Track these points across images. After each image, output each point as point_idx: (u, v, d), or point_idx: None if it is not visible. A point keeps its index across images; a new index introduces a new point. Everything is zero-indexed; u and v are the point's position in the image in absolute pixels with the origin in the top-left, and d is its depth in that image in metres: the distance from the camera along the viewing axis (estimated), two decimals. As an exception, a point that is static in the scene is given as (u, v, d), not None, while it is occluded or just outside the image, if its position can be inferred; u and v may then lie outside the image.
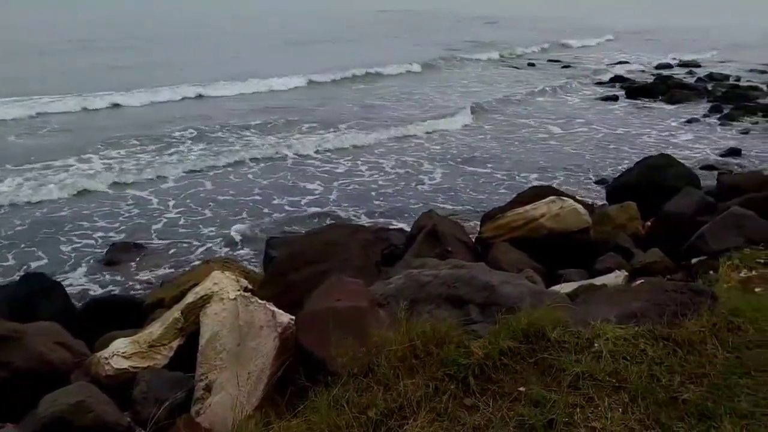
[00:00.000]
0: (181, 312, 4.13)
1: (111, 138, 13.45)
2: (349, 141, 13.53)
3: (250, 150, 12.67)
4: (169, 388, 3.74)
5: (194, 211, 9.37)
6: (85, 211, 9.24)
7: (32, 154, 12.21)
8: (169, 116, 15.66)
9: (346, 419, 2.48)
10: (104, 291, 6.77)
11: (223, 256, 7.02)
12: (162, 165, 11.63)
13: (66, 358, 4.01)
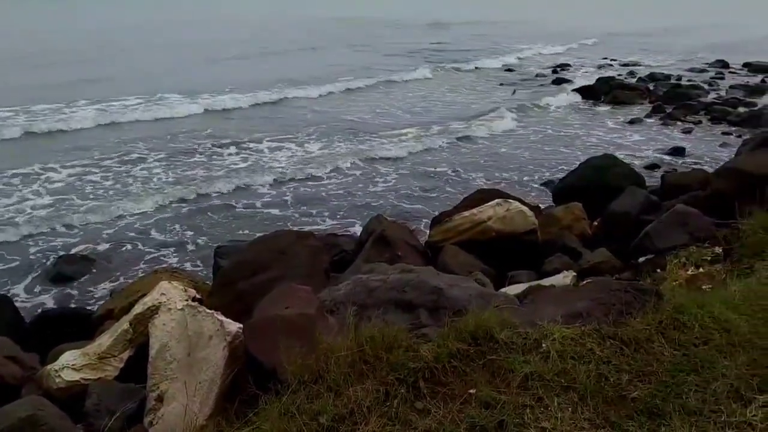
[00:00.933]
0: (129, 323, 4.06)
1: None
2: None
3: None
4: (121, 399, 3.68)
5: (145, 219, 9.22)
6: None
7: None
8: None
9: (297, 426, 2.49)
10: (54, 304, 6.59)
11: (172, 265, 6.91)
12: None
13: (16, 372, 3.90)
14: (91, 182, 11.02)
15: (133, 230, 8.82)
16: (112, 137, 14.38)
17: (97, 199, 10.09)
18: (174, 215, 9.39)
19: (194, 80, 21.21)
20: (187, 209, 9.69)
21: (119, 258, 7.81)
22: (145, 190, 10.49)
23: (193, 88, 19.58)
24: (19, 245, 8.29)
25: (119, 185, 10.83)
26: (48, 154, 12.58)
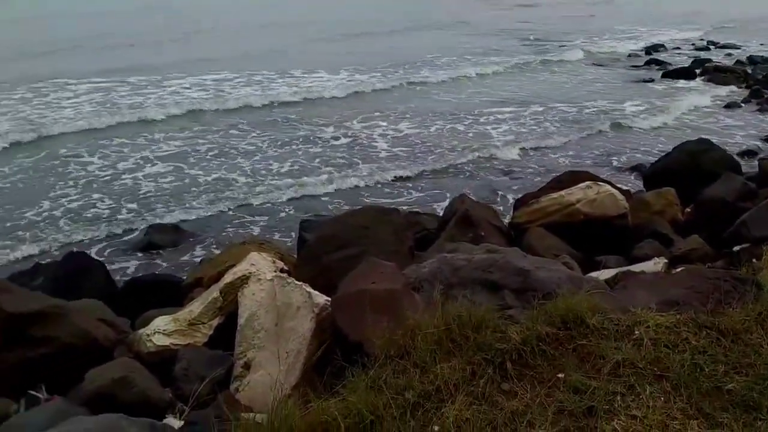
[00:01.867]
0: (219, 292, 4.21)
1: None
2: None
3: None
4: (209, 365, 3.82)
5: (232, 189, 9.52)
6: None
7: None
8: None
9: (383, 400, 2.50)
10: (144, 271, 6.93)
11: (259, 236, 7.10)
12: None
13: (109, 334, 4.12)
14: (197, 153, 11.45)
15: (227, 202, 9.08)
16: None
17: (204, 171, 10.46)
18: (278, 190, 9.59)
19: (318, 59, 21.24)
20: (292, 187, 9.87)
21: (208, 229, 8.11)
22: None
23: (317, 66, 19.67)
24: (116, 212, 8.73)
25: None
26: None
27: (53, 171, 10.56)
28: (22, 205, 8.99)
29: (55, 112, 14.63)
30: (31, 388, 3.84)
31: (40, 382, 3.88)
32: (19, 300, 3.88)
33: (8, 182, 10.06)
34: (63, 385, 3.90)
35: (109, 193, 9.51)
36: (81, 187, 9.74)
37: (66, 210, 8.83)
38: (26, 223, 8.42)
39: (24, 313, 3.80)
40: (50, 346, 3.85)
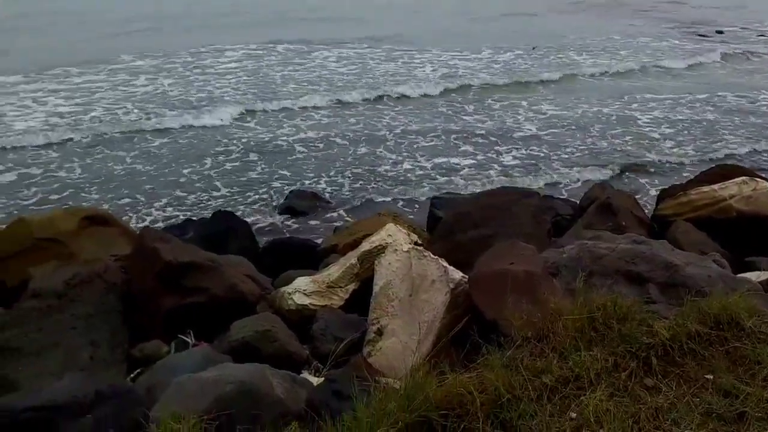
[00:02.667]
0: (357, 259, 4.35)
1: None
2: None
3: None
4: (344, 327, 3.99)
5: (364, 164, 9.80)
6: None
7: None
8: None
9: (520, 381, 2.49)
10: (284, 233, 7.32)
11: (392, 209, 7.25)
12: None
13: (254, 290, 4.40)
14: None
15: (364, 173, 9.36)
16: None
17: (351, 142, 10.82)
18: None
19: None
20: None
21: (343, 198, 8.42)
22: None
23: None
24: (266, 176, 9.27)
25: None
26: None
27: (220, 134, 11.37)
28: (186, 163, 9.78)
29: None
30: (181, 333, 4.21)
31: (188, 328, 4.24)
32: (177, 251, 4.25)
33: (179, 143, 10.94)
34: (209, 333, 4.23)
35: (264, 157, 10.07)
36: (242, 149, 10.44)
37: (223, 171, 9.50)
38: (185, 180, 9.15)
39: (180, 263, 4.15)
40: (201, 295, 4.18)
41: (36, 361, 3.42)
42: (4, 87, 14.68)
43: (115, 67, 16.58)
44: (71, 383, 2.93)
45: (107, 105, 13.17)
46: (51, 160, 10.06)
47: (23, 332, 3.49)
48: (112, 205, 8.24)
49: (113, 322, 3.98)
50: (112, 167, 9.73)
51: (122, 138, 11.06)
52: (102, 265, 4.25)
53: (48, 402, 2.75)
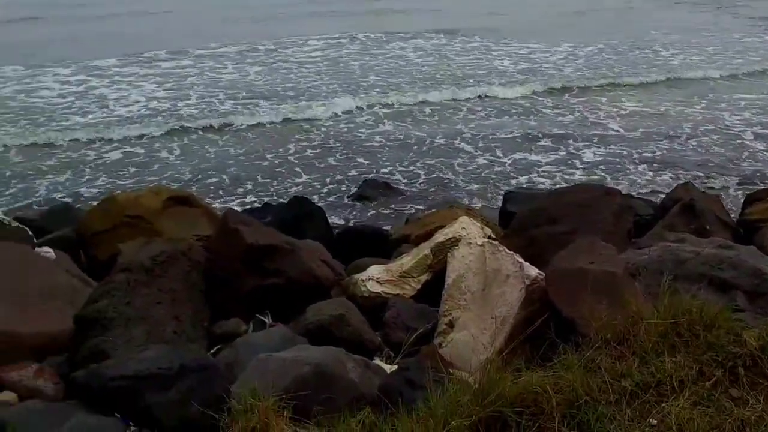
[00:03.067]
0: (430, 250, 4.37)
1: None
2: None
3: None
4: (415, 317, 4.02)
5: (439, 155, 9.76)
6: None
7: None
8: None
9: (598, 383, 2.45)
10: (356, 221, 7.44)
11: (465, 203, 7.23)
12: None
13: (329, 275, 4.49)
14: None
15: (439, 167, 9.33)
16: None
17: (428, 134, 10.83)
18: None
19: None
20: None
21: (416, 188, 8.44)
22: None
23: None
24: (342, 166, 9.44)
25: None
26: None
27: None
28: (273, 149, 10.14)
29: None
30: (259, 312, 4.35)
31: (266, 309, 4.38)
32: (258, 233, 4.37)
33: (266, 129, 11.33)
34: (285, 314, 4.35)
35: (342, 146, 10.28)
36: (323, 137, 10.72)
37: (304, 158, 9.79)
38: (267, 165, 9.48)
39: (261, 246, 4.27)
40: (279, 278, 4.29)
41: (124, 332, 3.61)
42: (102, 70, 15.53)
43: (200, 53, 17.23)
44: (157, 355, 3.08)
45: (200, 92, 13.74)
46: (152, 142, 10.69)
47: (113, 304, 3.69)
48: (202, 185, 8.68)
49: (196, 299, 4.15)
50: (205, 151, 10.24)
51: (217, 124, 11.54)
52: (186, 243, 4.43)
53: (135, 372, 2.91)
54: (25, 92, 13.70)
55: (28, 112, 12.36)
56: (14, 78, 14.81)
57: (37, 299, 3.93)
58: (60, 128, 11.34)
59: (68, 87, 14.10)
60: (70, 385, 3.14)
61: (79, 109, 12.58)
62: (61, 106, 12.74)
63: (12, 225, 4.88)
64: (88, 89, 14.00)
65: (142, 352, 3.28)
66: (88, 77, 14.88)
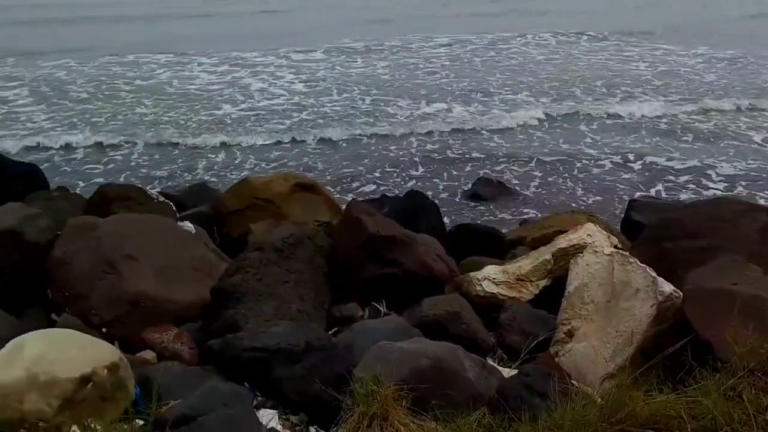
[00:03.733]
0: (552, 255, 4.28)
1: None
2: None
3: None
4: (531, 322, 3.96)
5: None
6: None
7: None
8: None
9: (740, 414, 2.31)
10: (469, 219, 7.40)
11: (584, 209, 6.99)
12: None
13: (443, 270, 4.51)
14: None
15: (558, 169, 9.12)
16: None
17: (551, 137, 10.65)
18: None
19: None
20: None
21: (529, 189, 8.27)
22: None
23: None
24: (459, 162, 9.44)
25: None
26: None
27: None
28: (394, 142, 10.39)
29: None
30: (374, 300, 4.46)
31: (381, 297, 4.48)
32: (380, 224, 4.47)
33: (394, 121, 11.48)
34: (398, 304, 4.43)
35: (461, 143, 10.31)
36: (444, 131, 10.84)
37: (424, 151, 9.96)
38: (393, 156, 9.73)
39: (381, 236, 4.37)
40: (396, 268, 4.37)
41: (254, 306, 3.83)
42: (246, 60, 16.52)
43: (329, 46, 17.86)
44: (286, 331, 3.25)
45: (336, 85, 14.30)
46: (292, 127, 11.30)
47: (246, 279, 3.92)
48: (335, 173, 9.12)
49: (319, 282, 4.32)
50: (340, 140, 10.70)
51: (361, 116, 11.97)
52: (313, 229, 4.62)
53: (266, 345, 3.08)
54: (179, 79, 14.83)
55: (186, 98, 13.35)
56: (167, 65, 16.09)
57: (183, 270, 4.26)
58: (214, 115, 12.15)
59: (215, 76, 15.13)
60: (205, 351, 3.37)
61: (229, 97, 13.46)
62: (212, 93, 13.71)
63: (159, 200, 5.29)
64: (235, 79, 14.97)
65: (271, 327, 3.47)
66: (232, 67, 15.93)
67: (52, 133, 10.99)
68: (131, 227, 4.42)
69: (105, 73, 15.35)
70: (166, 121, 11.67)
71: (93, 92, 13.63)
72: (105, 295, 4.03)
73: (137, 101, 12.88)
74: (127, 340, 3.93)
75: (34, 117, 11.95)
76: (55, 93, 13.48)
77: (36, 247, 4.09)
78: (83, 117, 11.89)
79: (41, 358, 2.90)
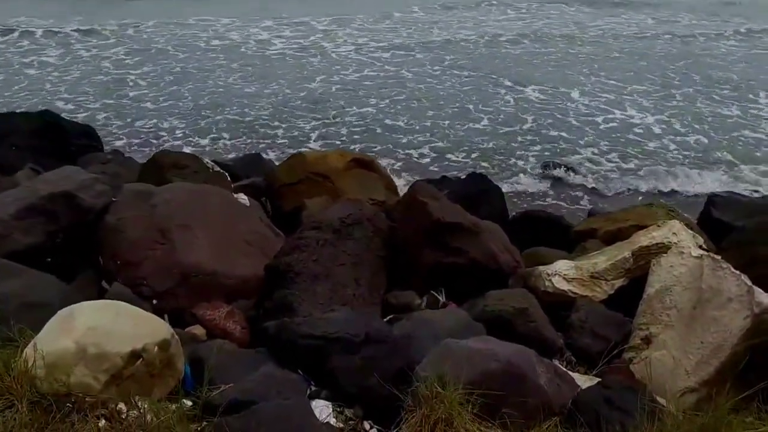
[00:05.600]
0: (631, 253, 3.95)
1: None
2: None
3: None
4: (605, 324, 3.67)
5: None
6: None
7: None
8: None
9: None
10: (530, 203, 7.04)
11: (663, 202, 6.54)
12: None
13: (510, 262, 4.24)
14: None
15: (632, 153, 8.61)
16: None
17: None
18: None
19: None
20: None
21: (599, 176, 7.81)
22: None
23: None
24: (527, 143, 9.02)
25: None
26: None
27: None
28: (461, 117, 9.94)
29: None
30: (433, 288, 4.23)
31: (441, 286, 4.24)
32: (444, 209, 4.22)
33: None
34: (458, 295, 4.19)
35: (537, 120, 9.83)
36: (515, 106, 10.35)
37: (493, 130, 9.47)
38: (463, 135, 9.31)
39: (447, 223, 4.13)
40: (460, 257, 4.13)
41: (309, 287, 3.65)
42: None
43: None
44: (344, 318, 3.05)
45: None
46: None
47: (302, 259, 3.74)
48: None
49: (375, 265, 4.11)
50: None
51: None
52: (372, 209, 4.41)
53: (325, 333, 2.89)
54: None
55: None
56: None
57: (238, 244, 4.12)
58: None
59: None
60: (259, 332, 3.21)
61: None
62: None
63: (214, 170, 5.16)
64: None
65: (327, 312, 3.29)
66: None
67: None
68: (187, 197, 4.29)
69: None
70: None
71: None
72: (157, 266, 3.92)
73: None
74: (177, 313, 3.82)
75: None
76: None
77: (90, 211, 3.99)
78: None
79: (91, 330, 2.78)
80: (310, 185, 5.90)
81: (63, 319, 2.86)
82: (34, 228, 3.81)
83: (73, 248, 4.07)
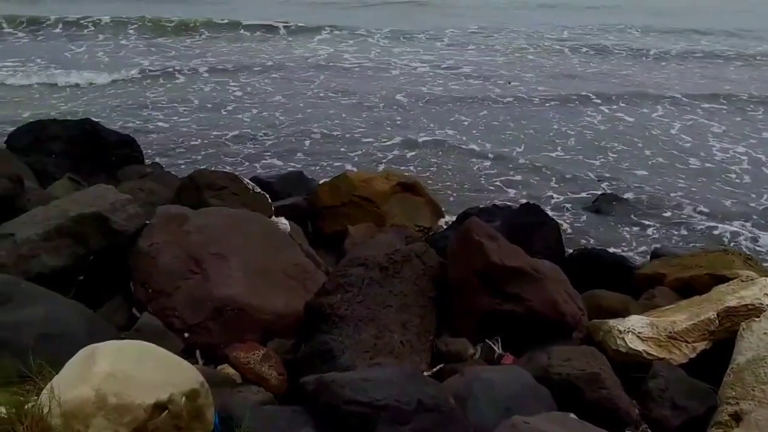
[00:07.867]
0: (717, 314, 3.49)
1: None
2: None
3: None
4: (688, 395, 3.22)
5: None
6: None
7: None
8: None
9: None
10: (580, 240, 6.53)
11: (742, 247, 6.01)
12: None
13: (574, 312, 3.83)
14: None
15: (700, 187, 7.96)
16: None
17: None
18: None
19: None
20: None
21: (656, 211, 7.23)
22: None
23: None
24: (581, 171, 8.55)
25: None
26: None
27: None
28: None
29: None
30: (488, 337, 3.84)
31: (496, 335, 3.85)
32: (504, 252, 3.84)
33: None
34: (516, 346, 3.79)
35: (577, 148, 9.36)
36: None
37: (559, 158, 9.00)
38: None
39: (506, 267, 3.75)
40: (519, 305, 3.75)
41: (352, 333, 3.31)
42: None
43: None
44: (396, 381, 2.68)
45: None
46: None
47: (346, 300, 3.40)
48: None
49: (424, 307, 3.75)
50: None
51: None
52: (422, 245, 4.04)
53: (372, 400, 2.53)
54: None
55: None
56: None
57: (277, 277, 3.82)
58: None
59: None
60: (298, 388, 2.86)
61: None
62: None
63: (255, 191, 4.87)
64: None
65: (373, 368, 2.93)
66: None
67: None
68: (223, 223, 3.99)
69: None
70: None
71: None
72: (189, 297, 3.63)
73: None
74: (209, 348, 3.54)
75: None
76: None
77: (122, 235, 3.73)
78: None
79: (113, 377, 2.48)
80: (354, 209, 5.62)
81: (83, 360, 2.57)
82: (61, 250, 3.57)
83: (103, 272, 3.82)
